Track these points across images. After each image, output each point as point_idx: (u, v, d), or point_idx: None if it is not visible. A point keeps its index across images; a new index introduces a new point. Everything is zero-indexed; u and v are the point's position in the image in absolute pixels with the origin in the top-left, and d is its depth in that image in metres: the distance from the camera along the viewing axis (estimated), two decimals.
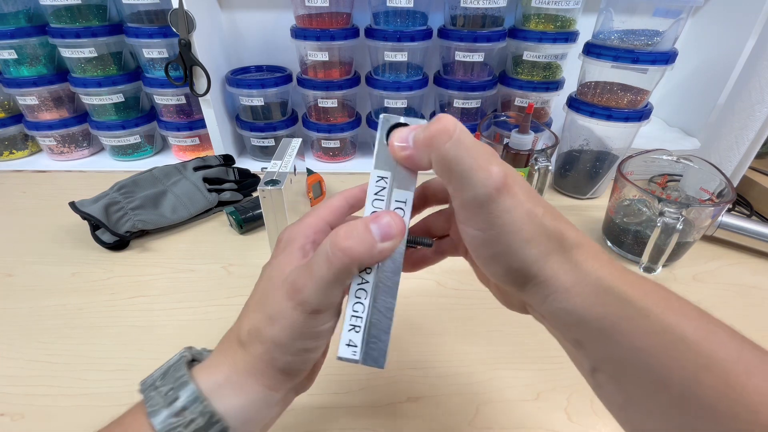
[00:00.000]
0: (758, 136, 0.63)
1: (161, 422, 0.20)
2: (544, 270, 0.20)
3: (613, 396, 0.21)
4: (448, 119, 0.21)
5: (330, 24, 0.69)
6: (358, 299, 0.23)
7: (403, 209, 0.23)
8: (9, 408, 0.37)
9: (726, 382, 0.17)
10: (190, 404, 0.21)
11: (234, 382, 0.22)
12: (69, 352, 0.42)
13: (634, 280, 0.20)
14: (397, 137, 0.22)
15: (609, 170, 0.66)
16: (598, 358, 0.21)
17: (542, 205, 0.21)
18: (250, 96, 0.73)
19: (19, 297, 0.49)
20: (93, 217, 0.54)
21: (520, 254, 0.20)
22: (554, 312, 0.21)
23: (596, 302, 0.20)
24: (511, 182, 0.20)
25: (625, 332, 0.19)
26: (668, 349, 0.18)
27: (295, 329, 0.22)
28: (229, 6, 0.76)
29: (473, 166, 0.20)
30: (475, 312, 0.47)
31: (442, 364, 0.42)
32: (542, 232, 0.20)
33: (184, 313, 0.47)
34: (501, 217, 0.20)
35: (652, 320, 0.19)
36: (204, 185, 0.63)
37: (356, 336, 0.23)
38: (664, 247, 0.47)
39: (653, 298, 0.19)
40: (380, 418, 0.37)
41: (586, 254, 0.21)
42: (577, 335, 0.21)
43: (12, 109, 0.78)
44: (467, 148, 0.20)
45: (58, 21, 0.67)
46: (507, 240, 0.20)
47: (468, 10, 0.68)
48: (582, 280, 0.20)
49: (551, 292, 0.20)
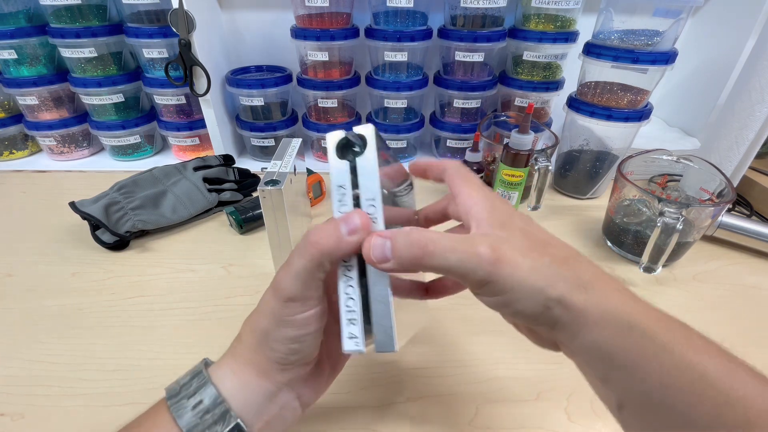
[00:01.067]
0: (758, 136, 0.63)
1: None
2: (570, 309, 0.21)
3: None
4: (422, 239, 0.22)
5: (330, 24, 0.69)
6: (347, 295, 0.25)
7: (374, 205, 0.24)
8: (9, 408, 0.37)
9: (747, 419, 0.18)
10: (210, 403, 0.25)
11: (233, 369, 0.26)
12: (69, 352, 0.42)
13: (657, 316, 0.21)
14: (373, 248, 0.23)
15: (609, 170, 0.66)
16: (624, 393, 0.21)
17: (549, 251, 0.22)
18: (250, 96, 0.73)
19: (19, 297, 0.49)
20: (93, 217, 0.54)
21: (539, 301, 0.21)
22: (583, 347, 0.21)
23: (621, 337, 0.20)
24: (502, 252, 0.21)
25: (648, 368, 0.20)
26: (691, 386, 0.19)
27: (275, 316, 0.25)
28: (229, 6, 0.76)
29: (461, 259, 0.21)
30: (475, 312, 0.47)
31: (442, 364, 0.41)
32: (554, 276, 0.21)
33: (184, 313, 0.47)
34: (507, 283, 0.21)
35: (676, 357, 0.19)
36: (204, 185, 0.63)
37: (355, 328, 0.24)
38: (664, 247, 0.47)
39: (676, 335, 0.20)
40: (380, 418, 0.37)
41: (607, 289, 0.21)
42: (603, 371, 0.22)
43: (12, 109, 0.78)
44: (450, 250, 0.21)
45: (58, 21, 0.67)
46: (522, 296, 0.21)
47: (468, 10, 0.68)
48: (607, 315, 0.21)
49: (580, 329, 0.21)
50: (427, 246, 0.22)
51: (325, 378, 0.30)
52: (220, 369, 0.26)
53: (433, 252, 0.21)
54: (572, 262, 0.22)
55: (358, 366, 0.41)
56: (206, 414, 0.24)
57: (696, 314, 0.48)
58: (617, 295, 0.21)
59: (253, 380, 0.26)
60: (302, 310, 0.24)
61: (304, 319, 0.25)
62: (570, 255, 0.23)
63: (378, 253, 0.23)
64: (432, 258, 0.22)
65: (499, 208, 0.24)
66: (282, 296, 0.24)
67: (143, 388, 0.39)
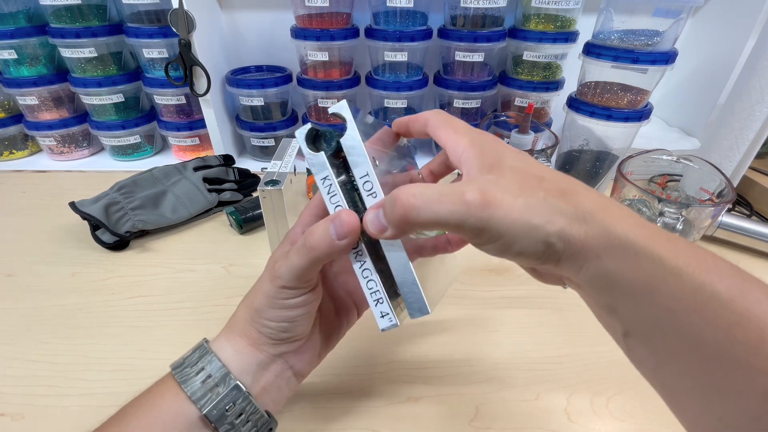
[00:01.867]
0: (758, 136, 0.63)
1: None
2: (571, 242, 0.20)
3: (645, 359, 0.21)
4: (403, 194, 0.21)
5: (330, 24, 0.68)
6: (366, 278, 0.25)
7: (371, 182, 0.24)
8: (9, 408, 0.37)
9: (761, 337, 0.17)
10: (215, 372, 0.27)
11: (229, 339, 0.29)
12: (69, 352, 0.42)
13: (665, 240, 0.20)
14: (370, 221, 0.23)
15: (609, 170, 0.66)
16: (631, 322, 0.21)
17: (543, 186, 0.21)
18: (250, 96, 0.73)
19: (19, 297, 0.49)
20: (93, 217, 0.54)
21: (538, 240, 0.20)
22: (588, 279, 0.21)
23: (628, 265, 0.19)
24: (491, 195, 0.20)
25: (657, 294, 0.19)
26: (701, 309, 0.18)
27: (268, 298, 0.27)
28: (229, 6, 0.76)
29: (450, 210, 0.20)
30: (475, 312, 0.47)
31: (442, 364, 0.41)
32: (551, 211, 0.20)
33: (184, 313, 0.47)
34: (502, 227, 0.20)
35: (685, 280, 0.18)
36: (204, 185, 0.63)
37: (384, 306, 0.25)
38: None
39: (685, 257, 0.19)
40: (380, 418, 0.37)
41: (612, 217, 0.20)
42: (610, 300, 0.21)
43: (12, 109, 0.78)
44: (435, 201, 0.21)
45: (58, 21, 0.67)
46: (519, 237, 0.20)
47: (468, 10, 0.68)
48: (610, 244, 0.20)
49: (584, 261, 0.20)
50: (411, 202, 0.21)
51: (318, 351, 0.31)
52: (218, 341, 0.29)
53: (419, 207, 0.21)
54: (570, 194, 0.21)
55: (358, 366, 0.41)
56: (208, 378, 0.27)
57: None
58: (621, 222, 0.20)
59: (246, 349, 0.28)
60: (295, 296, 0.26)
61: (296, 303, 0.27)
62: (568, 187, 0.21)
63: (375, 226, 0.23)
64: (419, 213, 0.21)
65: (488, 149, 0.23)
66: (278, 283, 0.26)
67: (143, 388, 0.38)
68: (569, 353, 0.43)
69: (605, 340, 0.44)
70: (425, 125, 0.26)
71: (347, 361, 0.32)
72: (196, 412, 0.26)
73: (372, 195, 0.24)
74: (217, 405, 0.26)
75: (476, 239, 0.21)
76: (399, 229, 0.22)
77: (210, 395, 0.26)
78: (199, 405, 0.26)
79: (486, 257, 0.58)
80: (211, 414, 0.26)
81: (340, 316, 0.33)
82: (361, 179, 0.24)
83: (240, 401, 0.27)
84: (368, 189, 0.24)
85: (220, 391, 0.26)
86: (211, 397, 0.26)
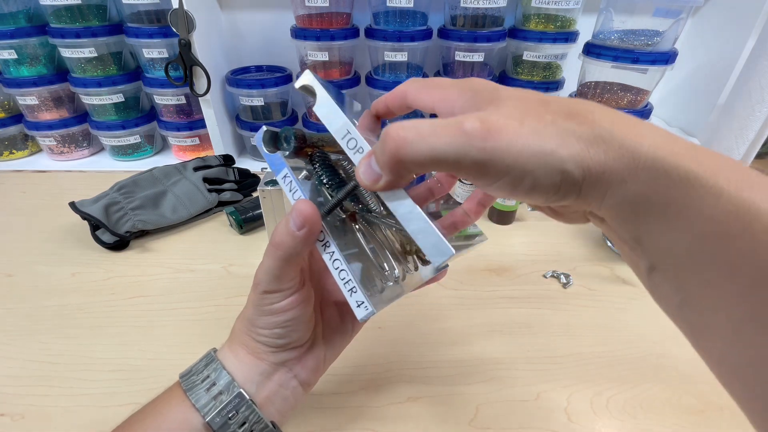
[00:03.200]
0: (758, 136, 0.63)
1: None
2: (590, 168, 0.17)
3: (671, 295, 0.19)
4: (392, 129, 0.19)
5: (330, 24, 0.69)
6: (337, 269, 0.25)
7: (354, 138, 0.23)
8: (9, 408, 0.37)
9: None
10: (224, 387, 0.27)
11: (232, 349, 0.29)
12: (69, 352, 0.42)
13: (701, 155, 0.17)
14: (362, 172, 0.21)
15: None
16: (658, 254, 0.18)
17: (551, 109, 0.18)
18: (250, 96, 0.73)
19: (19, 297, 0.49)
20: (93, 217, 0.54)
21: (553, 168, 0.17)
22: (613, 209, 0.18)
23: (656, 187, 0.17)
24: (492, 122, 0.18)
25: (691, 217, 0.17)
26: (742, 231, 0.16)
27: (255, 306, 0.27)
28: (229, 6, 0.76)
29: (447, 142, 0.18)
30: (474, 312, 0.47)
31: (442, 364, 0.41)
32: (563, 134, 0.17)
33: (184, 313, 0.47)
34: (509, 157, 0.17)
35: (726, 200, 0.16)
36: (204, 185, 0.63)
37: (357, 295, 0.24)
38: None
39: (726, 174, 0.16)
40: (380, 418, 0.37)
41: (634, 133, 0.17)
42: (636, 231, 0.19)
43: (12, 109, 0.78)
44: (429, 133, 0.18)
45: (58, 21, 0.67)
46: (531, 168, 0.18)
47: (468, 10, 0.68)
48: (638, 164, 0.17)
49: (607, 187, 0.18)
50: (402, 135, 0.18)
51: (323, 359, 0.30)
52: (222, 351, 0.29)
53: (411, 140, 0.18)
54: (582, 114, 0.18)
55: (358, 366, 0.41)
56: (213, 386, 0.27)
57: None
58: (646, 138, 0.17)
59: (247, 358, 0.28)
60: (279, 299, 0.26)
61: (281, 307, 0.26)
62: (578, 107, 0.18)
63: (368, 175, 0.21)
64: (413, 147, 0.18)
65: (481, 89, 0.20)
66: (258, 290, 0.26)
67: (143, 388, 0.39)
68: (569, 353, 0.43)
69: (605, 340, 0.44)
70: (404, 97, 0.23)
71: (347, 361, 0.32)
72: (200, 420, 0.26)
73: (359, 151, 0.22)
74: (220, 413, 0.26)
75: (481, 177, 0.19)
76: (393, 172, 0.20)
77: (214, 403, 0.26)
78: (203, 413, 0.26)
79: (486, 257, 0.58)
80: (214, 422, 0.25)
81: (345, 321, 0.32)
82: (344, 140, 0.22)
83: (243, 410, 0.26)
84: (353, 146, 0.22)
85: (223, 399, 0.26)
86: (214, 405, 0.26)
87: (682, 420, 0.37)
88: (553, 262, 0.55)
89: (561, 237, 0.60)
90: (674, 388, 0.39)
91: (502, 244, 0.58)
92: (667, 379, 0.40)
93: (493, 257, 0.55)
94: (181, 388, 0.27)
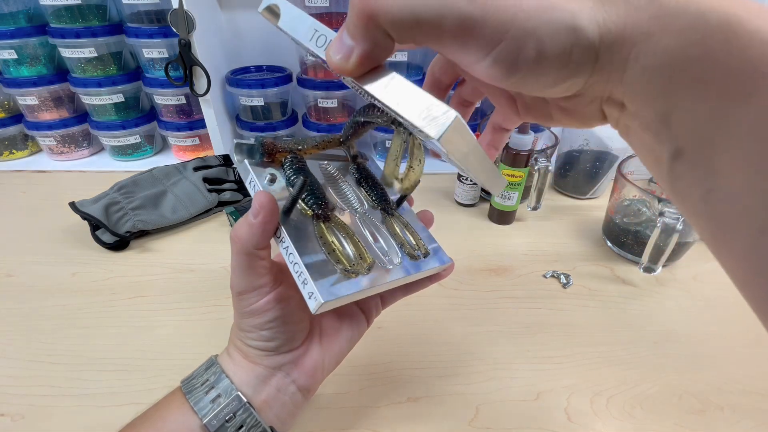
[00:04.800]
0: None
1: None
2: (608, 24, 0.14)
3: (695, 186, 0.16)
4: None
5: (330, 24, 0.68)
6: (292, 262, 0.25)
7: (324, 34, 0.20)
8: (9, 408, 0.37)
9: None
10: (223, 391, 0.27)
11: (230, 354, 0.29)
12: (69, 352, 0.42)
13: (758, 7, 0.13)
14: (332, 50, 0.18)
15: (609, 170, 0.66)
16: (688, 132, 0.15)
17: None
18: (250, 96, 0.73)
19: (19, 297, 0.49)
20: (93, 217, 0.54)
21: (561, 25, 0.14)
22: (638, 80, 0.15)
23: (691, 37, 0.14)
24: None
25: (731, 77, 0.13)
26: None
27: (236, 310, 0.27)
28: (229, 6, 0.76)
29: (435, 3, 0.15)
30: (474, 312, 0.47)
31: (442, 364, 0.42)
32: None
33: (184, 313, 0.47)
34: (505, 13, 0.14)
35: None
36: (204, 185, 0.63)
37: (309, 286, 0.24)
38: (664, 247, 0.47)
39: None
40: (380, 418, 0.37)
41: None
42: (665, 104, 0.15)
43: (12, 109, 0.77)
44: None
45: (58, 21, 0.67)
46: (532, 26, 0.14)
47: None
48: (665, 11, 0.14)
49: (631, 48, 0.14)
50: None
51: (321, 364, 0.30)
52: (222, 356, 0.29)
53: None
54: None
55: (358, 366, 0.41)
56: (211, 389, 0.27)
57: (696, 314, 0.48)
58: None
59: (243, 362, 0.28)
60: (256, 300, 0.26)
61: (260, 307, 0.26)
62: None
63: (338, 50, 0.18)
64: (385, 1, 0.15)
65: None
66: (234, 292, 0.27)
67: (143, 388, 0.39)
68: (569, 353, 0.43)
69: (605, 340, 0.44)
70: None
71: (347, 362, 0.32)
72: (198, 422, 0.26)
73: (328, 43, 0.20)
74: (217, 415, 0.26)
75: (468, 46, 0.15)
76: (366, 38, 0.17)
77: (212, 406, 0.26)
78: (201, 415, 0.26)
79: (486, 257, 0.58)
80: (211, 424, 0.25)
81: (343, 326, 0.31)
82: (312, 41, 0.20)
83: (240, 412, 0.26)
84: (323, 43, 0.20)
85: (221, 402, 0.26)
86: (212, 408, 0.26)
87: (682, 420, 0.37)
88: (553, 262, 0.55)
89: (561, 237, 0.60)
90: (674, 388, 0.39)
91: (502, 244, 0.58)
92: (667, 379, 0.40)
93: (493, 257, 0.55)
94: (181, 392, 0.27)
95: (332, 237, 0.27)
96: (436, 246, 0.32)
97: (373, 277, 0.27)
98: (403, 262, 0.29)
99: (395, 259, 0.29)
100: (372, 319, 0.33)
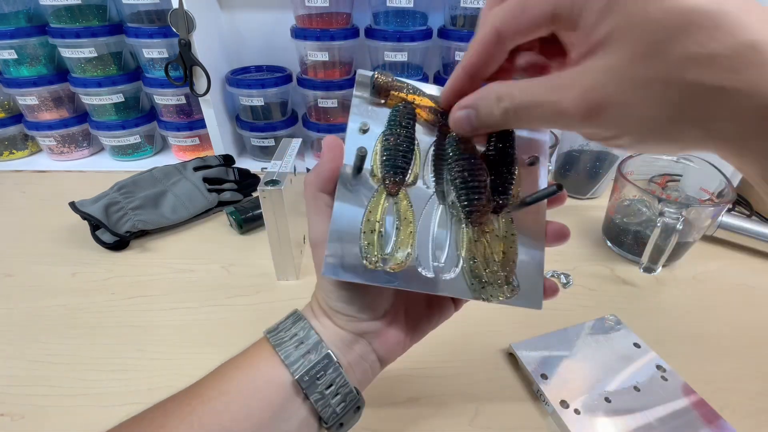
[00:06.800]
0: None
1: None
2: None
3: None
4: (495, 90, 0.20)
5: (330, 24, 0.68)
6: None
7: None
8: (9, 408, 0.37)
9: None
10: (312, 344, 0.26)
11: (315, 314, 0.28)
12: (69, 352, 0.42)
13: None
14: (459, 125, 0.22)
15: (609, 170, 0.66)
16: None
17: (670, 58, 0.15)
18: (250, 96, 0.73)
19: (19, 297, 0.49)
20: (93, 217, 0.54)
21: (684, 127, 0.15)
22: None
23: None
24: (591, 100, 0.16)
25: None
26: None
27: (317, 266, 0.26)
28: (229, 6, 0.76)
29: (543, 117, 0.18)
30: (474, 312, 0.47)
31: (442, 364, 0.41)
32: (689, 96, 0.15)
33: (184, 313, 0.47)
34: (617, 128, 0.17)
35: None
36: (204, 185, 0.63)
37: (331, 247, 0.24)
38: (664, 247, 0.47)
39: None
40: (380, 418, 0.37)
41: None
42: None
43: (12, 109, 0.78)
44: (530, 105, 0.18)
45: (58, 21, 0.67)
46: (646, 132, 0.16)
47: (468, 10, 0.68)
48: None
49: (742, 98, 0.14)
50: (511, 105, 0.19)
51: (402, 340, 0.29)
52: (305, 311, 0.28)
53: (515, 111, 0.19)
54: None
55: None
56: (301, 344, 0.26)
57: (696, 314, 0.48)
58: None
59: (329, 323, 0.27)
60: None
61: None
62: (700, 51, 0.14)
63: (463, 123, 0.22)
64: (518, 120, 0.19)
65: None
66: (312, 244, 0.26)
67: (143, 388, 0.39)
68: None
69: None
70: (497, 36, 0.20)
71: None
72: (288, 377, 0.25)
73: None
74: (309, 371, 0.25)
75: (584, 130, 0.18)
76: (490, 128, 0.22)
77: (302, 361, 0.25)
78: (292, 369, 0.25)
79: None
80: (303, 380, 0.25)
81: (432, 307, 0.31)
82: None
83: (330, 371, 0.25)
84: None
85: (312, 358, 0.25)
86: (303, 363, 0.25)
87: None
88: (553, 262, 0.55)
89: None
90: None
91: None
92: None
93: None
94: (269, 343, 0.26)
95: (379, 215, 0.25)
96: (535, 283, 0.27)
97: (400, 274, 0.24)
98: (454, 275, 0.26)
99: (445, 273, 0.26)
100: (460, 304, 0.32)
